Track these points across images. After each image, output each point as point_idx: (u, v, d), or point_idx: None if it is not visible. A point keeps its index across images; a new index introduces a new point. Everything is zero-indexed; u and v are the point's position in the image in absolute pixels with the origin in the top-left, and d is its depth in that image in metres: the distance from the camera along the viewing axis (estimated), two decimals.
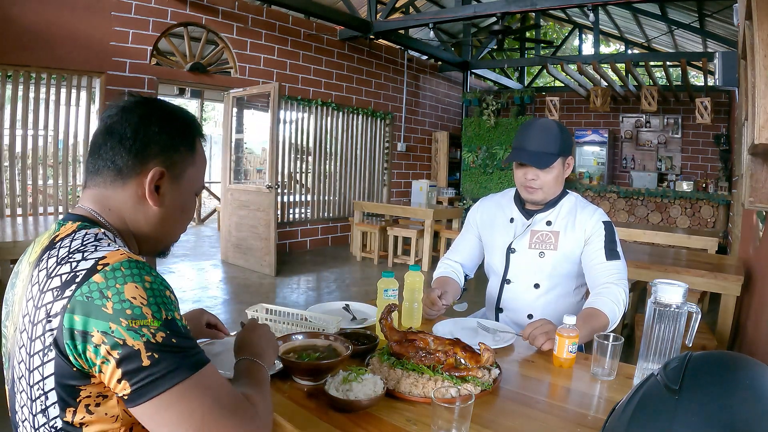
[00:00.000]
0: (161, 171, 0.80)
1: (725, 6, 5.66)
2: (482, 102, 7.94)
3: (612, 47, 10.98)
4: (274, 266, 5.22)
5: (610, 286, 1.47)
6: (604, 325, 1.40)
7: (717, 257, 3.42)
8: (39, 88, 4.51)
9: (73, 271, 0.67)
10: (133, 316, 0.64)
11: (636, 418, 0.64)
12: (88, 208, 0.80)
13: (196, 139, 0.87)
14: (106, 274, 0.66)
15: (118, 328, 0.63)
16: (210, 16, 5.59)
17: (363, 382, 1.00)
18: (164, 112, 0.83)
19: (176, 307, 0.70)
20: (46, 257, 0.72)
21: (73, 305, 0.64)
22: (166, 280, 0.72)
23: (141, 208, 0.81)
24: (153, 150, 0.79)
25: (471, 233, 1.82)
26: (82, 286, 0.65)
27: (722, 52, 3.30)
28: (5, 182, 4.40)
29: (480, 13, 5.92)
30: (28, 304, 0.70)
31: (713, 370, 0.64)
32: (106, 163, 0.79)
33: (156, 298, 0.67)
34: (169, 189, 0.82)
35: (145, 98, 0.84)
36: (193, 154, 0.85)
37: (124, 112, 0.80)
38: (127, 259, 0.68)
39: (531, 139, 1.56)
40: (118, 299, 0.64)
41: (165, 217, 0.84)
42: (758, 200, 1.39)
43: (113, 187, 0.80)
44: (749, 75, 1.21)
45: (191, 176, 0.86)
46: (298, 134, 6.71)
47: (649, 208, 7.03)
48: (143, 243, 0.85)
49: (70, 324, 0.64)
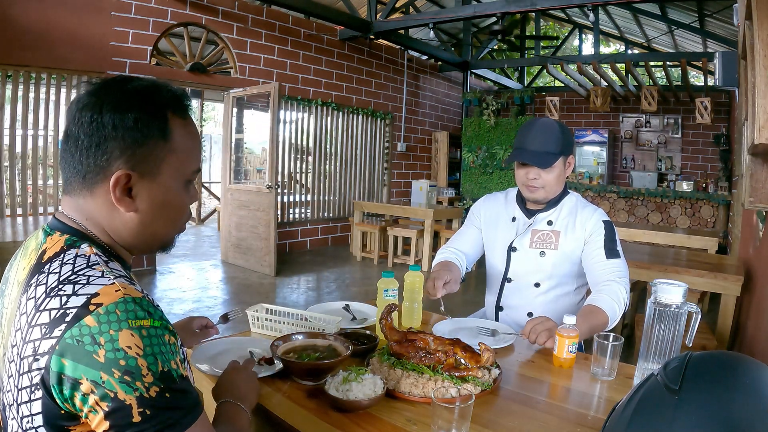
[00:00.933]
0: (126, 174, 0.69)
1: (725, 6, 5.66)
2: (482, 102, 7.94)
3: (612, 47, 10.98)
4: (274, 266, 5.22)
5: (611, 284, 1.47)
6: (604, 323, 1.40)
7: (717, 257, 3.42)
8: (39, 88, 4.51)
9: (63, 307, 0.61)
10: (126, 367, 0.58)
11: (636, 418, 0.64)
12: (71, 217, 0.73)
13: (170, 120, 0.72)
14: (99, 317, 0.59)
15: (109, 380, 0.58)
16: (210, 16, 5.59)
17: (363, 382, 1.00)
18: (119, 100, 0.68)
19: (176, 351, 0.65)
20: (35, 282, 0.65)
21: (62, 348, 0.59)
22: (166, 316, 0.66)
23: (116, 215, 0.72)
24: (112, 151, 0.68)
25: (474, 226, 1.81)
26: (72, 328, 0.59)
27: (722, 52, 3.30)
28: (5, 182, 4.40)
29: (480, 13, 5.92)
30: (17, 334, 0.64)
31: (713, 370, 0.64)
32: (70, 169, 0.70)
33: (153, 347, 0.61)
34: (144, 189, 0.71)
35: (102, 84, 0.71)
36: (167, 141, 0.71)
37: (78, 108, 0.69)
38: (122, 299, 0.61)
39: (532, 139, 1.56)
40: (112, 347, 0.58)
41: (145, 221, 0.73)
42: (758, 200, 1.39)
43: (82, 195, 0.71)
44: (749, 75, 1.21)
45: (172, 167, 0.73)
46: (298, 134, 6.71)
47: (649, 208, 7.03)
48: (132, 248, 0.77)
49: (58, 368, 0.59)
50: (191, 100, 0.77)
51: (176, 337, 0.66)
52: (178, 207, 0.77)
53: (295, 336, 1.19)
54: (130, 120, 0.68)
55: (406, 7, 7.52)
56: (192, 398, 0.65)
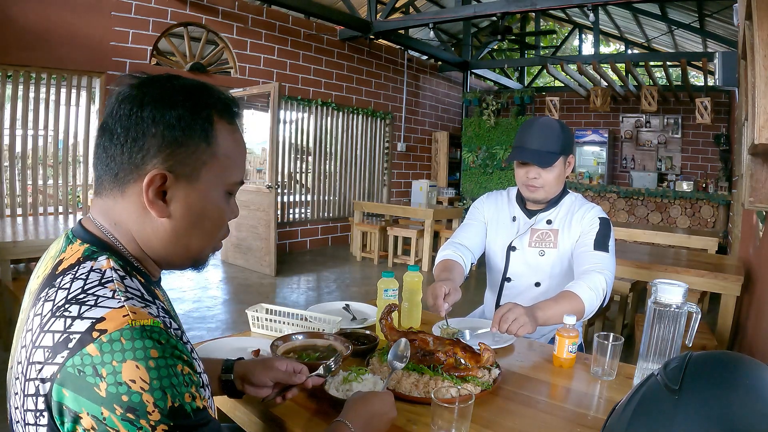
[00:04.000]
0: (162, 174, 0.63)
1: (725, 6, 5.66)
2: (482, 102, 7.94)
3: (612, 47, 10.98)
4: (274, 266, 5.22)
5: (592, 273, 1.43)
6: (579, 310, 1.36)
7: (717, 257, 3.42)
8: (39, 88, 4.50)
9: (66, 331, 0.56)
10: (129, 404, 0.53)
11: (636, 418, 0.64)
12: (97, 222, 0.68)
13: (215, 123, 0.67)
14: (102, 346, 0.54)
15: (111, 416, 0.53)
16: (210, 16, 5.59)
17: (363, 382, 1.00)
18: (163, 95, 0.64)
19: (190, 381, 0.58)
20: (44, 297, 0.61)
21: (63, 377, 0.54)
22: (181, 343, 0.59)
23: (147, 220, 0.66)
24: (149, 148, 0.63)
25: (479, 221, 1.77)
26: (74, 356, 0.54)
27: (722, 52, 3.30)
28: (5, 182, 4.40)
29: (480, 13, 5.92)
30: (22, 351, 0.60)
31: (713, 370, 0.63)
32: (102, 166, 0.66)
33: (162, 379, 0.55)
34: (180, 194, 0.66)
35: (147, 78, 0.66)
36: (209, 145, 0.66)
37: (117, 101, 0.64)
38: (128, 326, 0.55)
39: (532, 138, 1.56)
40: (114, 380, 0.53)
41: (178, 230, 0.67)
42: (758, 200, 1.39)
43: (113, 195, 0.66)
44: (749, 75, 1.21)
45: (212, 173, 0.67)
46: (298, 134, 6.71)
47: (649, 208, 7.03)
48: (161, 261, 0.71)
49: (59, 398, 0.54)
50: (241, 108, 0.72)
51: (192, 365, 0.60)
52: (216, 219, 0.71)
53: (295, 336, 1.19)
54: (173, 117, 0.63)
55: (406, 7, 7.52)
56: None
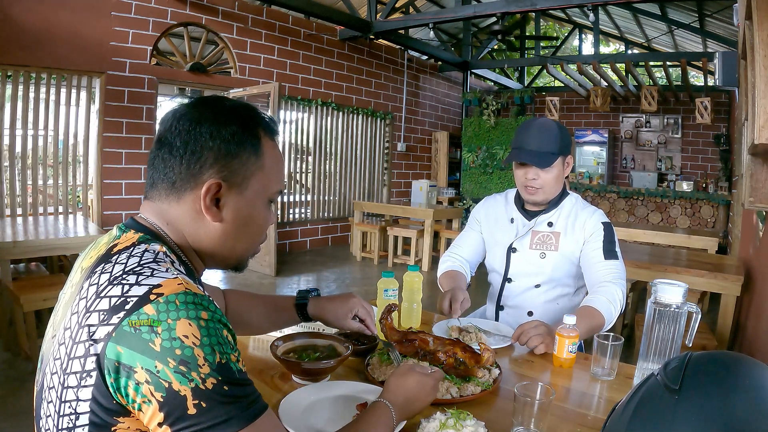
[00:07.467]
0: (218, 183, 0.72)
1: (725, 6, 5.66)
2: (482, 102, 7.94)
3: (612, 47, 10.97)
4: (274, 266, 5.22)
5: (608, 285, 1.46)
6: (600, 325, 1.39)
7: (717, 257, 3.42)
8: (39, 88, 4.50)
9: (124, 295, 0.61)
10: (182, 357, 0.58)
11: (636, 418, 0.64)
12: (150, 220, 0.75)
13: (262, 139, 0.76)
14: (159, 306, 0.59)
15: (164, 369, 0.57)
16: (210, 16, 5.59)
17: (463, 429, 0.84)
18: (218, 113, 0.73)
19: (233, 347, 0.63)
20: (99, 270, 0.66)
21: (119, 335, 0.59)
22: (224, 317, 0.64)
23: (200, 223, 0.74)
24: (206, 159, 0.71)
25: (475, 230, 1.82)
26: (131, 315, 0.59)
27: (722, 52, 3.30)
28: (5, 182, 4.40)
29: (480, 13, 5.92)
30: (72, 318, 0.64)
31: (713, 370, 0.63)
32: (159, 176, 0.73)
33: (211, 337, 0.60)
34: (231, 201, 0.74)
35: (201, 99, 0.76)
36: (258, 158, 0.75)
37: (175, 118, 0.73)
38: (183, 291, 0.61)
39: (531, 139, 1.56)
40: (168, 336, 0.58)
41: (228, 233, 0.76)
42: (758, 200, 1.39)
43: (168, 201, 0.74)
44: (749, 75, 1.21)
45: (259, 183, 0.76)
46: (298, 134, 6.71)
47: (649, 208, 7.03)
48: (207, 259, 0.79)
49: (114, 355, 0.59)
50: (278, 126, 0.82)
51: (234, 336, 0.65)
52: (260, 224, 0.79)
53: (295, 336, 1.19)
54: (228, 132, 0.72)
55: (406, 7, 7.52)
56: (253, 393, 0.63)
